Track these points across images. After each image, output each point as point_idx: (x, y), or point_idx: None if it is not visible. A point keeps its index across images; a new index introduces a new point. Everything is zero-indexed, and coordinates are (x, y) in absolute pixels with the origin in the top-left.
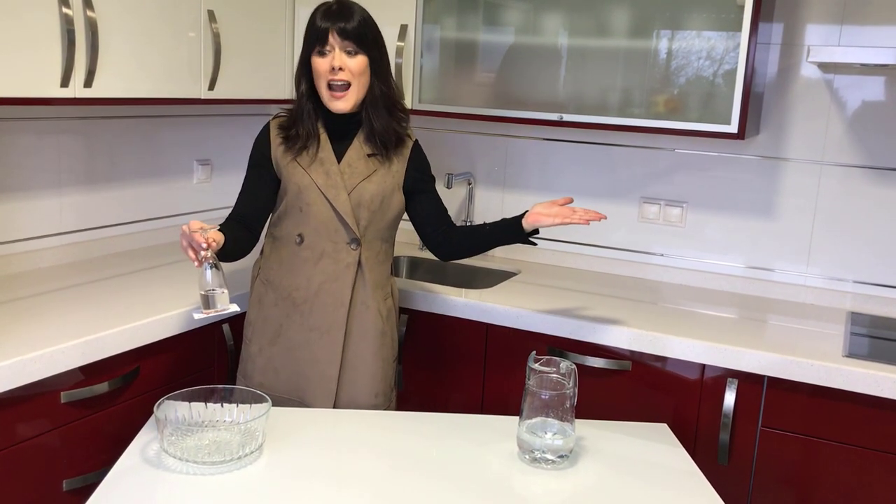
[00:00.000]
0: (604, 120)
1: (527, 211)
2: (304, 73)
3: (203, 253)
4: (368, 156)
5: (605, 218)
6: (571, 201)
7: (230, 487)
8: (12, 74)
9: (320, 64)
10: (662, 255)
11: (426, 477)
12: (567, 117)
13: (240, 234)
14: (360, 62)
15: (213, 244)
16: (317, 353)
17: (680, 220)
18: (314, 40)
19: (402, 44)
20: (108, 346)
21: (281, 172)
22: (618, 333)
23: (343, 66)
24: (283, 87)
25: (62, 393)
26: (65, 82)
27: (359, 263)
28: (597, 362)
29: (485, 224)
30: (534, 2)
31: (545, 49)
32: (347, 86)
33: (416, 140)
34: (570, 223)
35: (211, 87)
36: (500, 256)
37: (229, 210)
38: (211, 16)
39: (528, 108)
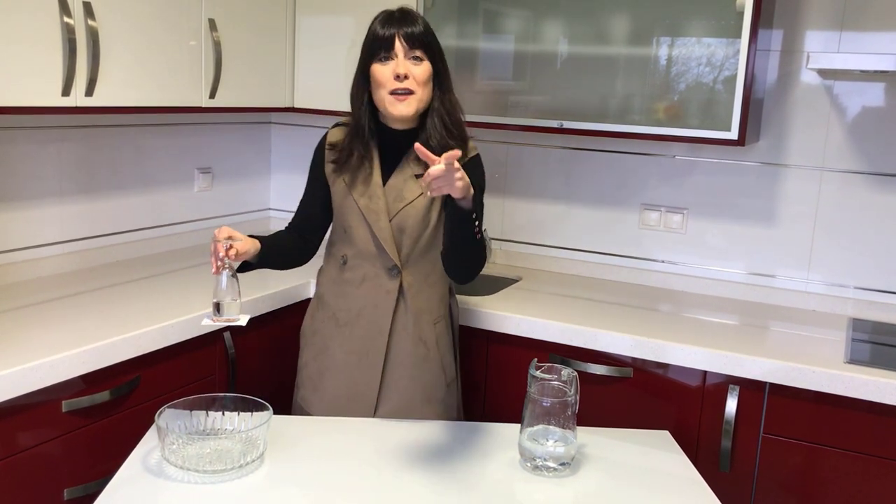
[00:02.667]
0: (604, 127)
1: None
2: (363, 84)
3: (220, 262)
4: (417, 176)
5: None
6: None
7: (232, 496)
8: (13, 83)
9: (382, 72)
10: (663, 261)
11: (428, 485)
12: (567, 124)
13: (291, 244)
14: (425, 70)
15: (233, 254)
16: (356, 376)
17: (681, 227)
18: (377, 48)
19: None
20: (109, 354)
21: (331, 189)
22: (619, 340)
23: (408, 73)
24: (284, 96)
25: (63, 402)
26: (66, 91)
27: (400, 290)
28: (598, 369)
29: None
30: (534, 10)
31: (545, 56)
32: (411, 94)
33: (477, 155)
34: (436, 172)
35: (212, 96)
36: (502, 263)
37: (229, 218)
38: (212, 24)
39: (528, 116)
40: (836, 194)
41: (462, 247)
